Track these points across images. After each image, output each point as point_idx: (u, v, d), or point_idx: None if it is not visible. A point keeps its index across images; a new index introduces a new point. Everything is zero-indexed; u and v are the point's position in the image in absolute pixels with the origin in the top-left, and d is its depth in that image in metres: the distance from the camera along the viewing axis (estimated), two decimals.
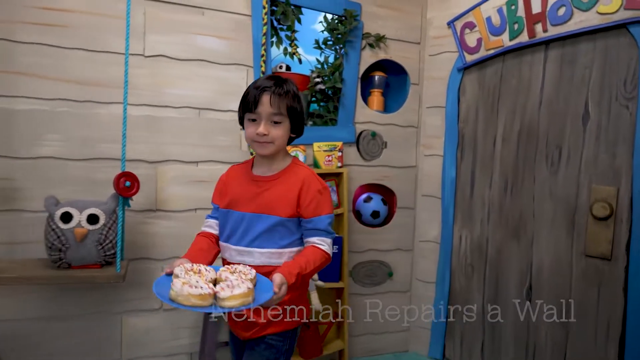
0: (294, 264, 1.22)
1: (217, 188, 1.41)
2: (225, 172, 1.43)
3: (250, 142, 1.29)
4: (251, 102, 1.24)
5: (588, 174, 2.09)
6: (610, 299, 2.01)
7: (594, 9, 2.03)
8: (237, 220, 1.30)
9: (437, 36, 2.59)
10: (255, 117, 1.26)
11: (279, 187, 1.30)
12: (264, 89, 1.24)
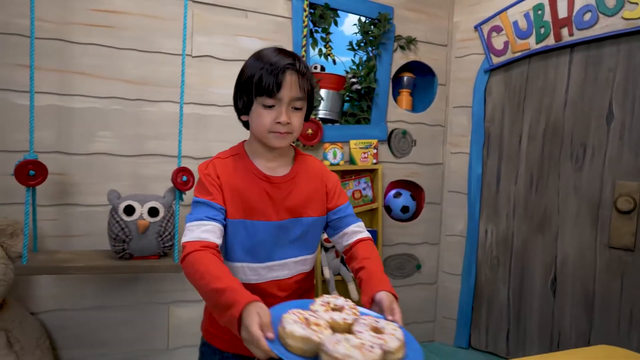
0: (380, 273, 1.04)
1: (210, 184, 1.04)
2: (211, 165, 1.08)
3: (266, 132, 1.03)
4: (271, 84, 0.98)
5: (612, 171, 2.21)
6: (634, 289, 2.14)
7: (619, 14, 2.14)
8: (266, 233, 1.06)
9: (463, 39, 2.70)
10: (274, 102, 1.01)
11: (302, 185, 1.11)
12: (287, 67, 1.00)
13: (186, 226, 1.01)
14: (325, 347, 0.65)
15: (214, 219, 1.00)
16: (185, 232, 1.00)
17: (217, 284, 0.85)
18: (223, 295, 0.83)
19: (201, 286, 0.89)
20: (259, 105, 1.03)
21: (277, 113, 1.02)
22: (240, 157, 1.11)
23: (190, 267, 0.93)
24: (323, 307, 0.79)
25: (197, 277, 0.90)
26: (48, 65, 1.89)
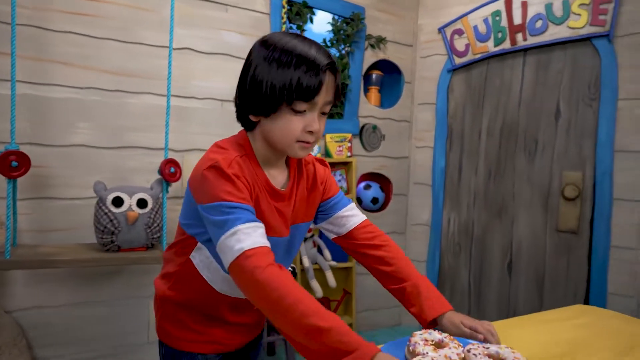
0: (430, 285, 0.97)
1: (244, 189, 0.83)
2: (236, 164, 0.84)
3: (291, 142, 0.86)
4: (312, 87, 0.81)
5: (559, 163, 2.48)
6: (577, 267, 2.42)
7: (566, 23, 2.41)
8: (278, 248, 0.93)
9: (428, 40, 2.89)
10: (307, 107, 0.83)
11: (301, 190, 0.98)
12: (328, 67, 0.82)
13: (232, 231, 0.77)
14: None
15: (260, 222, 0.82)
16: (235, 236, 0.77)
17: (319, 321, 0.70)
18: (331, 336, 0.69)
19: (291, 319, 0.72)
20: (288, 109, 0.82)
21: (308, 120, 0.84)
22: (250, 159, 0.89)
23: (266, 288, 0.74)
24: (423, 343, 0.75)
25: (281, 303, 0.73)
26: (23, 52, 1.81)
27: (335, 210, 1.02)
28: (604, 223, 2.32)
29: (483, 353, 0.71)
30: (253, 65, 0.84)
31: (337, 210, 1.02)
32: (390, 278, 0.98)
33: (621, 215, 2.29)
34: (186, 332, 0.97)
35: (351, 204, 1.06)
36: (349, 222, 1.02)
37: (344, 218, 1.02)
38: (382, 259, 0.98)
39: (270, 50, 0.82)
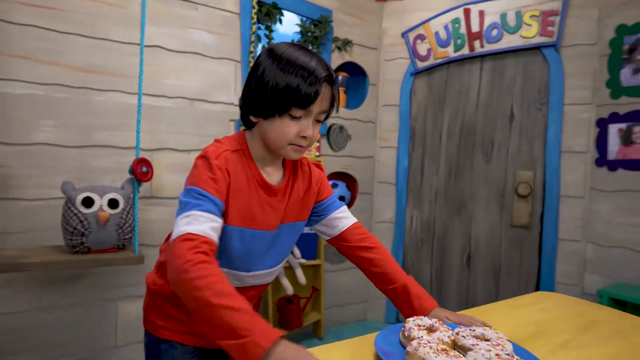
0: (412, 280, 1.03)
1: (221, 179, 0.88)
2: (223, 157, 0.91)
3: (286, 145, 0.91)
4: (310, 96, 0.87)
5: (513, 162, 2.66)
6: (529, 259, 2.60)
7: (518, 33, 2.59)
8: (262, 242, 0.97)
9: (391, 44, 2.99)
10: (303, 114, 0.89)
11: (296, 189, 1.01)
12: (326, 79, 0.89)
13: (188, 214, 0.82)
14: None
15: (220, 218, 0.86)
16: (187, 219, 0.81)
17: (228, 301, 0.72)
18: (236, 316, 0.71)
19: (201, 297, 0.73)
20: (286, 114, 0.88)
21: (303, 126, 0.90)
22: (244, 155, 0.95)
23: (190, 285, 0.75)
24: (417, 328, 0.79)
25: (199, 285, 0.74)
26: None
27: (329, 212, 1.07)
28: (553, 218, 2.51)
29: (470, 335, 0.78)
30: (260, 69, 0.90)
31: (330, 212, 1.07)
32: (380, 279, 1.03)
33: (567, 210, 2.49)
34: (169, 322, 1.02)
35: (343, 206, 1.10)
36: (340, 224, 1.07)
37: (336, 220, 1.07)
38: (372, 261, 1.03)
39: (276, 57, 0.89)
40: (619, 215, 2.35)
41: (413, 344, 0.72)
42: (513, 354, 0.72)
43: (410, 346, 0.71)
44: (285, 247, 1.04)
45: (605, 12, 2.41)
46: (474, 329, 0.80)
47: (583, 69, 2.46)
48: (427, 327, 0.81)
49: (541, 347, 0.86)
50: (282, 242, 1.02)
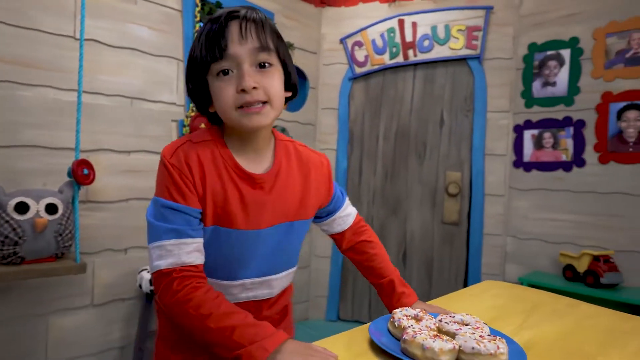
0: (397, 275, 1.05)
1: (183, 181, 0.78)
2: (180, 151, 0.81)
3: (233, 111, 0.78)
4: (214, 41, 0.76)
5: (443, 164, 2.87)
6: (458, 253, 2.83)
7: (447, 44, 2.81)
8: (244, 244, 0.85)
9: (330, 49, 3.08)
10: (229, 65, 0.77)
11: (290, 181, 0.89)
12: (231, 17, 0.77)
13: (160, 244, 0.76)
14: (466, 349, 0.73)
15: (195, 233, 0.78)
16: (158, 251, 0.76)
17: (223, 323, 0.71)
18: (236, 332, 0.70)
19: (204, 329, 0.72)
20: (214, 78, 0.78)
21: (237, 79, 0.77)
22: (215, 143, 0.83)
23: (187, 309, 0.73)
24: (406, 318, 0.83)
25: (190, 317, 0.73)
26: None
27: (333, 214, 1.03)
28: (479, 215, 2.76)
29: (452, 321, 0.86)
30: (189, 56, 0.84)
31: (334, 213, 1.03)
32: (370, 273, 1.06)
33: (491, 208, 2.76)
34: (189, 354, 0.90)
35: (346, 202, 1.06)
36: (343, 223, 1.05)
37: (340, 219, 1.04)
38: (364, 256, 1.05)
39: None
40: (533, 211, 2.65)
41: (409, 332, 0.77)
42: (491, 334, 0.81)
43: (407, 334, 0.77)
44: (284, 250, 0.91)
45: (519, 31, 2.70)
46: (453, 315, 0.88)
47: (502, 80, 2.73)
48: (413, 316, 0.87)
49: (505, 328, 0.97)
50: (279, 245, 0.89)
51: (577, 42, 2.51)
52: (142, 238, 2.21)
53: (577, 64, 2.51)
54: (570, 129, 2.52)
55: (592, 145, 2.45)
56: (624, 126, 2.36)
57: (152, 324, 2.24)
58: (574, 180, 2.52)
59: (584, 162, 2.48)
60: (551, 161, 2.59)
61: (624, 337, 0.98)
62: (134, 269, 2.17)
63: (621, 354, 0.88)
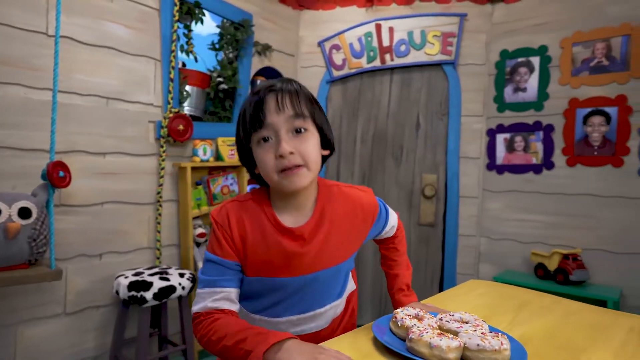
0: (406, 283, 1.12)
1: (223, 237, 0.90)
2: (224, 210, 0.92)
3: (274, 175, 0.86)
4: (254, 113, 0.85)
5: (420, 167, 2.93)
6: (434, 254, 2.89)
7: (423, 50, 2.87)
8: (288, 289, 0.92)
9: (308, 52, 3.08)
10: (268, 133, 0.85)
11: (332, 227, 0.93)
12: (268, 90, 0.86)
13: (197, 292, 0.90)
14: (471, 347, 0.75)
15: (226, 284, 0.88)
16: (196, 298, 0.89)
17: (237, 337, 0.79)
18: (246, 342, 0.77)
19: (219, 350, 0.81)
20: (256, 145, 0.87)
21: (276, 145, 0.85)
22: (260, 201, 0.92)
23: (202, 337, 0.86)
24: (409, 318, 0.85)
25: (212, 344, 0.83)
26: None
27: (384, 236, 1.14)
28: (454, 216, 2.83)
29: (452, 319, 0.88)
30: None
31: (385, 236, 1.13)
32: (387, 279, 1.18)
33: (465, 209, 2.83)
34: None
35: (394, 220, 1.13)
36: (386, 236, 1.15)
37: (385, 233, 1.13)
38: (385, 257, 1.19)
39: None
40: (505, 212, 2.75)
41: (415, 330, 0.78)
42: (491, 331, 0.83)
43: (413, 333, 0.78)
44: (329, 289, 0.98)
45: (491, 38, 2.80)
46: (452, 314, 0.90)
47: (475, 85, 2.82)
48: (414, 315, 0.88)
49: (497, 325, 1.00)
50: (324, 286, 0.96)
51: (546, 50, 2.62)
52: (117, 243, 2.14)
53: (546, 71, 2.62)
54: (540, 133, 2.63)
55: (561, 148, 2.57)
56: (590, 131, 2.48)
57: (129, 331, 2.17)
58: (543, 182, 2.62)
59: (552, 165, 2.59)
60: (522, 164, 2.69)
61: (607, 330, 1.03)
62: (110, 275, 2.10)
63: (608, 347, 0.92)
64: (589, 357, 0.86)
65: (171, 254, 2.37)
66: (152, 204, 2.27)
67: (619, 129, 2.39)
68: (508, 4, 2.75)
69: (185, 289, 1.99)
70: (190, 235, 2.31)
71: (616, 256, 2.38)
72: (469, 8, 2.80)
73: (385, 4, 2.94)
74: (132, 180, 2.18)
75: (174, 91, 2.28)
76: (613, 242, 2.39)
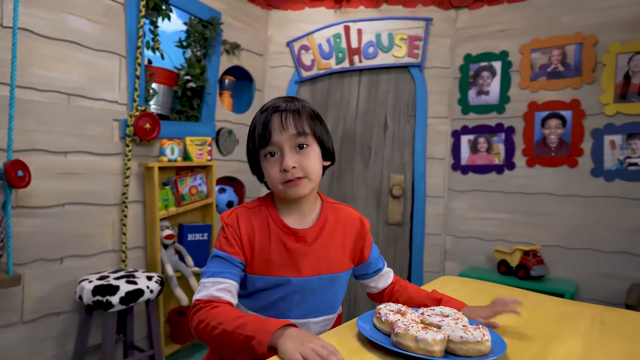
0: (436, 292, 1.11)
1: (232, 235, 0.97)
2: (234, 214, 1.01)
3: (279, 185, 0.97)
4: (261, 132, 0.95)
5: (387, 167, 2.98)
6: (402, 252, 2.95)
7: (391, 52, 2.92)
8: (287, 290, 0.98)
9: (277, 52, 3.07)
10: (273, 149, 0.96)
11: (331, 237, 1.02)
12: (274, 111, 0.96)
13: (201, 282, 0.95)
14: (455, 339, 0.77)
15: (230, 277, 0.94)
16: (199, 287, 0.94)
17: (236, 322, 0.82)
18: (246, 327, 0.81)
19: (217, 335, 0.84)
20: (263, 158, 0.98)
21: (280, 160, 0.95)
22: (266, 207, 1.02)
23: (200, 323, 0.87)
24: (392, 313, 0.87)
25: (210, 329, 0.85)
26: None
27: (367, 278, 1.13)
28: (420, 216, 2.90)
29: (433, 314, 0.90)
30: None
31: (368, 277, 1.13)
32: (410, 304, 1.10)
33: (432, 208, 2.91)
34: None
35: (383, 270, 1.15)
36: (378, 285, 1.15)
37: (374, 281, 1.14)
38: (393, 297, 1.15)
39: None
40: (469, 211, 2.84)
41: (400, 325, 0.80)
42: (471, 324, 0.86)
43: (398, 327, 0.79)
44: (325, 298, 1.02)
45: (455, 42, 2.89)
46: (433, 308, 0.93)
47: (441, 88, 2.90)
48: (397, 311, 0.90)
49: None
50: (321, 294, 1.01)
51: (507, 56, 2.73)
52: (80, 246, 2.05)
53: (507, 75, 2.73)
54: (502, 135, 2.74)
55: (521, 150, 2.68)
56: (547, 133, 2.61)
57: (93, 339, 2.08)
58: (505, 182, 2.73)
59: (513, 166, 2.71)
60: (485, 164, 2.79)
61: (572, 319, 1.09)
62: (72, 280, 2.01)
63: (575, 334, 0.97)
64: (560, 345, 0.90)
65: (137, 256, 2.29)
66: (117, 205, 2.19)
67: (573, 131, 2.53)
68: (471, 10, 2.85)
69: (153, 292, 1.93)
70: (157, 237, 2.24)
71: (571, 252, 2.52)
72: (434, 13, 2.88)
73: (353, 6, 2.97)
74: (95, 180, 2.09)
75: (140, 89, 2.21)
76: (568, 238, 2.53)
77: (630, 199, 2.38)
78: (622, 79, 2.42)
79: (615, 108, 2.43)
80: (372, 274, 1.13)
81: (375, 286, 1.15)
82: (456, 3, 2.85)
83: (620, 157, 2.42)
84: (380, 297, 1.16)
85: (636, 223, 2.35)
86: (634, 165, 2.39)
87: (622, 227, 2.38)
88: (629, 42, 2.40)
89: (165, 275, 2.26)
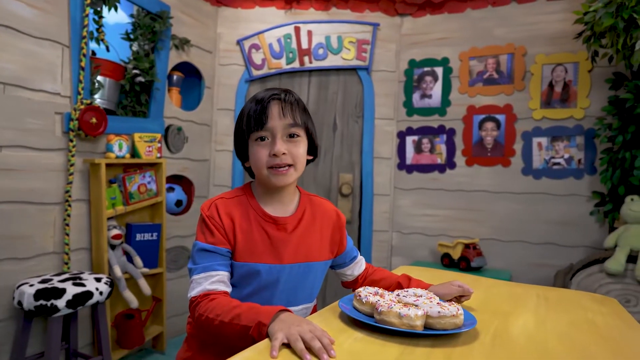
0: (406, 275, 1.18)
1: (214, 226, 0.98)
2: (214, 205, 1.00)
3: (264, 170, 0.98)
4: (257, 116, 0.97)
5: (337, 166, 3.06)
6: None
7: (340, 54, 3.01)
8: (269, 277, 1.00)
9: (226, 49, 3.04)
10: (265, 134, 0.98)
11: (310, 227, 1.06)
12: (272, 98, 0.99)
13: (192, 279, 0.96)
14: (433, 314, 0.84)
15: (220, 268, 0.96)
16: (192, 285, 0.95)
17: (232, 313, 0.85)
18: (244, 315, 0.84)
19: (217, 326, 0.86)
20: (253, 142, 1.00)
21: (271, 145, 0.97)
22: (245, 197, 1.03)
23: (200, 316, 0.90)
24: (371, 295, 0.92)
25: (209, 321, 0.88)
26: None
27: (344, 267, 1.19)
28: (369, 213, 3.00)
29: (407, 295, 0.96)
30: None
31: (345, 266, 1.19)
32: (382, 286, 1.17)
33: (379, 206, 3.02)
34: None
35: (357, 259, 1.21)
36: (353, 273, 1.21)
37: (349, 269, 1.20)
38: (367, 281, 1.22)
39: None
40: (414, 208, 2.99)
41: (382, 304, 0.85)
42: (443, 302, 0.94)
43: (381, 306, 0.84)
44: (304, 287, 1.06)
45: (400, 47, 3.04)
46: (407, 290, 0.99)
47: (387, 90, 3.04)
48: (375, 293, 0.95)
49: None
50: (300, 282, 1.04)
51: (448, 62, 2.93)
52: (18, 248, 1.90)
53: (448, 80, 2.92)
54: (444, 136, 2.92)
55: (461, 150, 2.88)
56: (484, 135, 2.83)
57: (33, 347, 1.93)
58: (446, 180, 2.92)
59: (454, 165, 2.90)
60: (429, 164, 2.96)
61: (521, 298, 1.21)
62: (8, 285, 1.85)
63: (526, 310, 1.09)
64: (516, 319, 1.01)
65: (81, 258, 2.16)
66: (59, 204, 2.05)
67: (506, 133, 2.77)
68: (415, 18, 3.01)
69: (103, 294, 1.84)
70: (104, 238, 2.13)
71: (505, 244, 2.74)
72: (381, 19, 3.01)
73: (303, 8, 3.02)
74: (35, 177, 1.95)
75: (85, 81, 2.09)
76: (502, 231, 2.75)
77: (554, 195, 2.64)
78: (547, 87, 2.69)
79: (542, 113, 2.69)
80: (349, 262, 1.19)
81: (351, 273, 1.22)
82: (401, 10, 3.00)
83: (546, 157, 2.68)
84: (355, 283, 1.23)
85: (559, 216, 2.62)
86: (557, 165, 2.66)
87: (548, 221, 2.64)
88: (552, 54, 2.67)
89: (113, 277, 2.15)
